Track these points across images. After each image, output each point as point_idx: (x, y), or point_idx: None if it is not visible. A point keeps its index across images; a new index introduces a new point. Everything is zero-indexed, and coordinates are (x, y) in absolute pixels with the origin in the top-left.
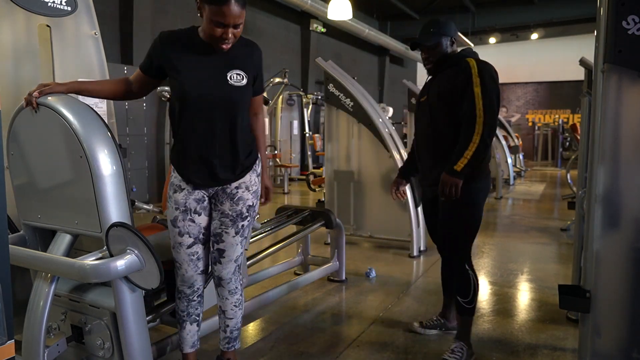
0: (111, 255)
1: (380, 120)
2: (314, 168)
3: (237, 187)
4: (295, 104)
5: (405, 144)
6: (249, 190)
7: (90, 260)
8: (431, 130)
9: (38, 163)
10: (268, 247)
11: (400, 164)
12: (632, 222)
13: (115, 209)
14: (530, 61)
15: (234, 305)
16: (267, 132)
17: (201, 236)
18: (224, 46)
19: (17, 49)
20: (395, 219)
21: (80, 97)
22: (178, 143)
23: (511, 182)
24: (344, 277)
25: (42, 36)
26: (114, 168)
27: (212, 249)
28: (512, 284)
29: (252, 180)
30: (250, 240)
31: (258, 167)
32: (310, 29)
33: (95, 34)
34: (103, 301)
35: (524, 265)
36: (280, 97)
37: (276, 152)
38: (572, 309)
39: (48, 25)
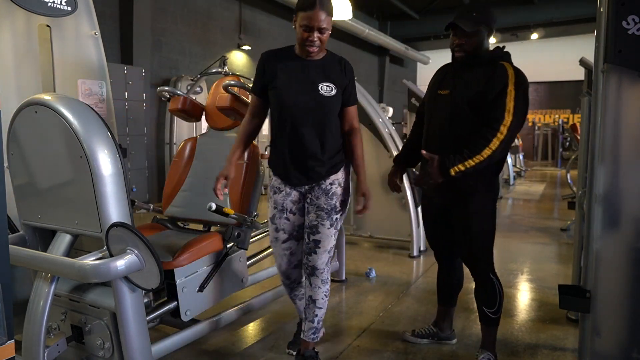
0: (111, 255)
1: (380, 120)
2: None
3: (330, 184)
4: None
5: None
6: (341, 187)
7: (90, 260)
8: (449, 131)
9: (38, 163)
10: (268, 247)
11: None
12: (632, 222)
13: (115, 209)
14: (530, 61)
15: (325, 295)
16: (266, 132)
17: (295, 233)
18: (311, 49)
19: (17, 49)
20: (395, 219)
21: (81, 97)
22: (275, 147)
23: (511, 182)
24: (344, 277)
25: (42, 36)
26: (114, 168)
27: (307, 241)
28: (512, 284)
29: (343, 177)
30: (250, 240)
31: (349, 167)
32: None
33: (95, 34)
34: (103, 301)
35: (524, 265)
36: None
37: None
38: (572, 309)
39: (48, 25)
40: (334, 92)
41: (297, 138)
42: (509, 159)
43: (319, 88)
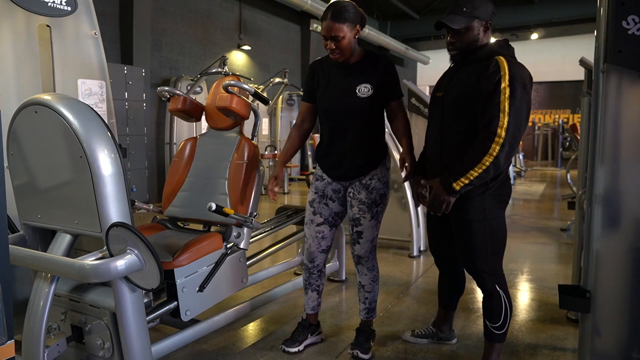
0: (111, 255)
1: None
2: (313, 168)
3: (370, 179)
4: (295, 103)
5: None
6: (381, 182)
7: (90, 260)
8: (441, 135)
9: (38, 163)
10: (268, 247)
11: (400, 164)
12: (632, 222)
13: (115, 209)
14: (530, 61)
15: (372, 281)
16: (266, 132)
17: (330, 219)
18: (332, 56)
19: (17, 49)
20: (395, 219)
21: (81, 97)
22: (321, 144)
23: (511, 182)
24: (344, 277)
25: (42, 36)
26: (114, 168)
27: (351, 232)
28: (512, 284)
29: (382, 172)
30: (251, 240)
31: (388, 162)
32: (310, 29)
33: (95, 34)
34: (103, 301)
35: (524, 265)
36: (280, 97)
37: (276, 152)
38: (572, 309)
39: (48, 25)
40: (370, 92)
41: (338, 139)
42: None
43: (357, 90)
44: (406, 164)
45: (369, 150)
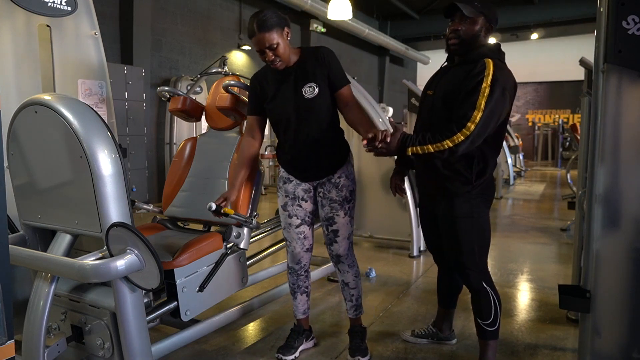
0: (111, 255)
1: (380, 120)
2: None
3: (339, 177)
4: None
5: None
6: (348, 178)
7: (90, 260)
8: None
9: (38, 163)
10: (268, 247)
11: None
12: (632, 222)
13: (115, 209)
14: (530, 61)
15: (355, 277)
16: (266, 131)
17: (307, 218)
18: (275, 66)
19: (17, 49)
20: (395, 219)
21: (81, 97)
22: (280, 150)
23: (511, 182)
24: None
25: (42, 36)
26: (114, 168)
27: (326, 232)
28: (512, 284)
29: (348, 169)
30: (250, 240)
31: (351, 158)
32: (310, 29)
33: (95, 34)
34: (103, 301)
35: (524, 265)
36: None
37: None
38: (572, 309)
39: (48, 25)
40: (316, 91)
41: (296, 144)
42: (509, 159)
43: (303, 92)
44: (374, 134)
45: (331, 149)
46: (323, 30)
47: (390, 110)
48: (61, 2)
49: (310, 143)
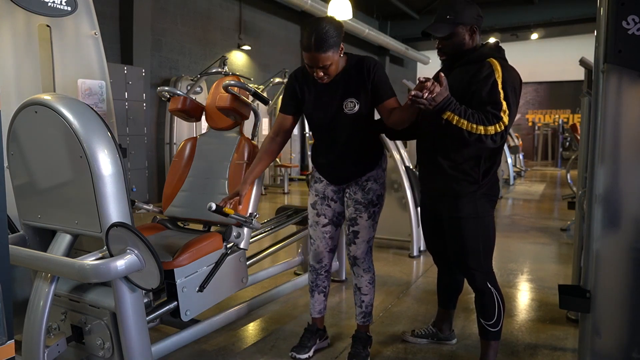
0: (111, 255)
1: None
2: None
3: (366, 180)
4: None
5: (405, 144)
6: (377, 183)
7: (90, 260)
8: (432, 136)
9: (38, 163)
10: (268, 247)
11: (400, 164)
12: (632, 222)
13: (115, 209)
14: (530, 61)
15: (368, 283)
16: (266, 132)
17: (334, 219)
18: (321, 82)
19: (17, 49)
20: (395, 219)
21: (81, 97)
22: (315, 152)
23: (511, 182)
24: (344, 277)
25: (42, 36)
26: (114, 168)
27: (347, 232)
28: (512, 284)
29: (378, 174)
30: (250, 240)
31: (384, 163)
32: None
33: (95, 34)
34: (103, 301)
35: (524, 265)
36: (280, 97)
37: None
38: (572, 309)
39: (48, 25)
40: (357, 107)
41: (331, 152)
42: (509, 159)
43: (344, 106)
44: (425, 79)
45: (364, 156)
46: None
47: None
48: (61, 2)
49: (345, 153)
